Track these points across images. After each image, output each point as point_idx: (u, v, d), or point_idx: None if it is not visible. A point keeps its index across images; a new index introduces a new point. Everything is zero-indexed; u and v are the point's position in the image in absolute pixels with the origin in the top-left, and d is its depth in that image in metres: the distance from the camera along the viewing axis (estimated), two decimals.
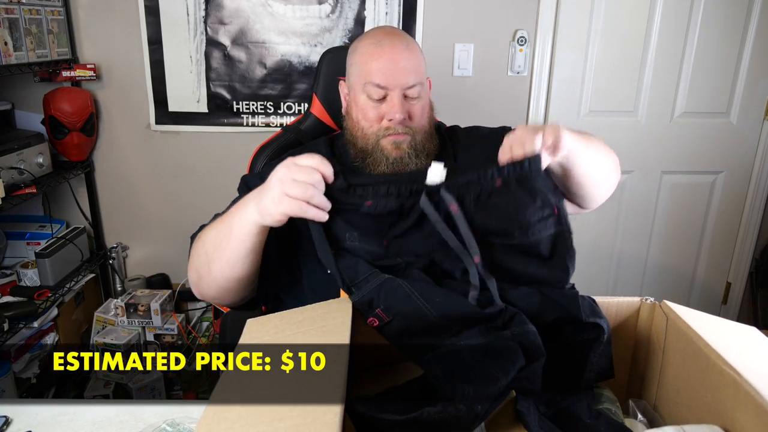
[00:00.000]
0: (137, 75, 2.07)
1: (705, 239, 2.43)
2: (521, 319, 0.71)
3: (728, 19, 2.15)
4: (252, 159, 1.26)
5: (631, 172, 2.32)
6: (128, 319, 2.01)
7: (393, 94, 0.99)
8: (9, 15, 1.63)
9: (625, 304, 0.77)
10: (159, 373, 2.05)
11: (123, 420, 0.87)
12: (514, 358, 0.66)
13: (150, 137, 2.15)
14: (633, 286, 2.46)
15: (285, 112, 2.14)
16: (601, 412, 0.71)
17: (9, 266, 1.95)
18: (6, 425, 0.86)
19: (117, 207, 2.22)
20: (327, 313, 0.73)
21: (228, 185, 2.23)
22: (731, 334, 0.69)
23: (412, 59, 1.01)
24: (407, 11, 2.06)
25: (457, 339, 0.70)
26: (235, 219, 0.85)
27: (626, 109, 2.24)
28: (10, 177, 1.70)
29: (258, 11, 2.03)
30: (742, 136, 2.30)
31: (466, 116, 2.16)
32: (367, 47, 1.02)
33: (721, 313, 2.38)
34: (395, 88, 0.99)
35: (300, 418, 0.53)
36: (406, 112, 1.00)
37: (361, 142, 1.03)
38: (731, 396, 0.59)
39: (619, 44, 2.16)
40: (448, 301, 0.73)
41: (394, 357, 0.79)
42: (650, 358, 0.77)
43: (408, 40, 1.03)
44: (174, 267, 2.27)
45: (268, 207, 0.78)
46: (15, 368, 1.75)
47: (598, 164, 0.94)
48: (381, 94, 1.00)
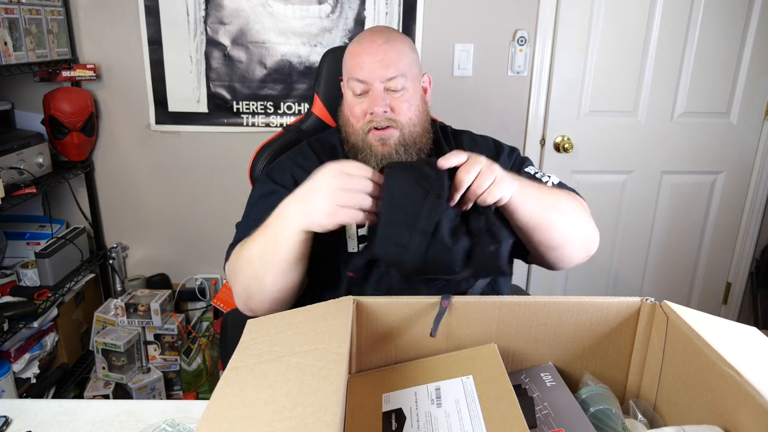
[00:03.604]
0: (137, 75, 2.07)
1: (705, 239, 2.43)
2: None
3: (728, 19, 2.15)
4: (253, 158, 1.27)
5: (631, 172, 2.32)
6: (128, 319, 2.01)
7: (373, 87, 1.00)
8: (9, 15, 1.63)
9: (625, 304, 0.77)
10: (159, 373, 2.05)
11: (123, 420, 0.87)
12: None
13: (150, 137, 2.15)
14: (633, 286, 2.46)
15: (285, 112, 2.14)
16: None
17: (9, 266, 1.95)
18: (6, 425, 0.86)
19: (117, 207, 2.22)
20: (327, 313, 0.73)
21: (228, 185, 2.25)
22: (731, 334, 0.69)
23: (390, 51, 1.00)
24: (407, 11, 2.06)
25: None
26: (280, 230, 0.86)
27: (626, 109, 2.24)
28: (10, 177, 1.70)
29: (258, 11, 2.03)
30: (742, 136, 2.30)
31: (466, 116, 2.18)
32: (351, 46, 1.05)
33: (721, 313, 2.39)
34: (374, 81, 1.00)
35: (300, 419, 0.53)
36: (388, 105, 1.00)
37: (352, 138, 1.05)
38: (731, 396, 0.59)
39: (619, 44, 2.16)
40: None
41: (394, 357, 0.79)
42: (650, 358, 0.77)
43: (390, 35, 1.03)
44: (174, 267, 2.27)
45: (321, 219, 0.80)
46: (15, 368, 1.75)
47: (550, 220, 0.92)
48: (363, 88, 1.01)
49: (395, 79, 1.00)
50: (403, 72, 1.01)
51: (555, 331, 0.78)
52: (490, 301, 0.77)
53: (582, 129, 2.25)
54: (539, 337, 0.78)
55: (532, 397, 0.73)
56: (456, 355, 0.76)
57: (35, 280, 1.86)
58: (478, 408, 0.65)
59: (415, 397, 0.70)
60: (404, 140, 1.01)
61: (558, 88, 2.19)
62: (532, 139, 2.24)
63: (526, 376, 0.77)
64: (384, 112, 0.99)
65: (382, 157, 1.00)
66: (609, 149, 2.28)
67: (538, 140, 2.25)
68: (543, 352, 0.79)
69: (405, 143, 1.01)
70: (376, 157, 1.01)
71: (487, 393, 0.67)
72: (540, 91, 2.19)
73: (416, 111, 1.04)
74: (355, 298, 0.75)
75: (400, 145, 1.01)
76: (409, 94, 1.02)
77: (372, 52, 1.00)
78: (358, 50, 1.03)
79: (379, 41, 1.01)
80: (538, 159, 2.28)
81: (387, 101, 1.00)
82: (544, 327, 0.77)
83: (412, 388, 0.72)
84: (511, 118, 2.22)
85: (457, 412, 0.65)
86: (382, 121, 1.00)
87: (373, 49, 1.00)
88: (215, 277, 2.27)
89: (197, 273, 2.26)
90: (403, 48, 1.03)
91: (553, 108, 2.22)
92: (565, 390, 0.74)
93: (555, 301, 0.77)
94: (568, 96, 2.21)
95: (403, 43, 1.04)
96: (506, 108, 2.21)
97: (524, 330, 0.77)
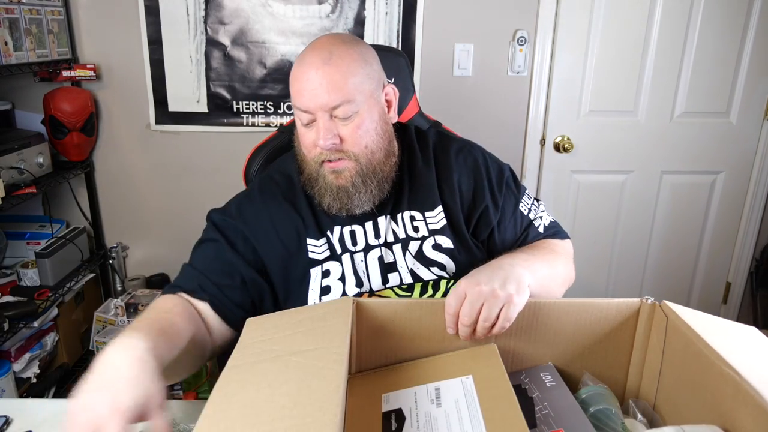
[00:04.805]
0: (137, 75, 2.07)
1: (705, 239, 2.43)
2: None
3: (728, 19, 2.14)
4: (248, 160, 1.26)
5: (631, 172, 2.32)
6: (128, 319, 2.01)
7: (318, 116, 0.87)
8: (9, 15, 1.63)
9: (625, 304, 0.77)
10: None
11: None
12: None
13: (150, 137, 2.15)
14: (633, 286, 2.46)
15: (285, 112, 2.14)
16: None
17: (9, 266, 1.95)
18: (6, 425, 0.86)
19: (117, 207, 2.22)
20: (327, 313, 0.73)
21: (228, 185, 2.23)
22: (731, 334, 0.69)
23: (333, 74, 0.85)
24: (407, 11, 2.06)
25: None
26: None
27: (626, 109, 2.24)
28: (10, 177, 1.70)
29: (258, 11, 2.03)
30: (742, 136, 2.30)
31: (466, 116, 2.18)
32: (293, 67, 0.90)
33: (721, 313, 2.39)
34: (317, 110, 0.87)
35: (300, 418, 0.53)
36: (336, 135, 0.87)
37: (306, 168, 0.94)
38: (731, 396, 0.59)
39: (619, 44, 2.16)
40: None
41: (393, 357, 0.79)
42: (650, 358, 0.77)
43: (333, 50, 0.87)
44: (174, 267, 2.25)
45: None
46: (15, 368, 1.75)
47: (546, 290, 0.87)
48: (308, 118, 0.89)
49: (341, 107, 0.86)
50: (349, 97, 0.86)
51: (555, 331, 0.78)
52: None
53: (582, 129, 2.25)
54: (539, 337, 0.78)
55: (532, 397, 0.73)
56: (456, 355, 0.77)
57: (35, 279, 1.86)
58: (477, 408, 0.65)
59: (414, 397, 0.70)
60: (361, 171, 0.90)
61: (558, 88, 2.19)
62: (532, 139, 2.25)
63: (526, 376, 0.77)
64: (333, 144, 0.88)
65: (338, 189, 0.90)
66: (609, 149, 2.28)
67: (538, 140, 2.25)
68: (543, 352, 0.79)
69: (362, 173, 0.90)
70: (332, 190, 0.91)
71: (487, 393, 0.67)
72: (540, 91, 2.19)
73: (372, 136, 0.91)
74: (355, 299, 0.75)
75: (356, 176, 0.90)
76: (360, 119, 0.88)
77: (311, 77, 0.86)
78: (297, 74, 0.88)
79: (318, 62, 0.86)
80: (538, 159, 2.28)
81: (334, 131, 0.87)
82: (544, 327, 0.77)
83: (412, 388, 0.72)
84: (511, 118, 2.22)
85: (457, 412, 0.65)
86: (332, 154, 0.89)
87: (311, 74, 0.86)
88: None
89: None
90: (350, 66, 0.87)
91: (553, 108, 2.22)
92: (565, 390, 0.74)
93: (555, 302, 0.77)
94: (568, 96, 2.21)
95: (349, 59, 0.87)
96: (506, 108, 2.21)
97: (524, 330, 0.77)
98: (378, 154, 0.92)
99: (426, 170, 0.99)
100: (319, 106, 0.86)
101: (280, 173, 1.02)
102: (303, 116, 0.89)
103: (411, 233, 0.96)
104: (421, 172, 0.99)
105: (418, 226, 0.96)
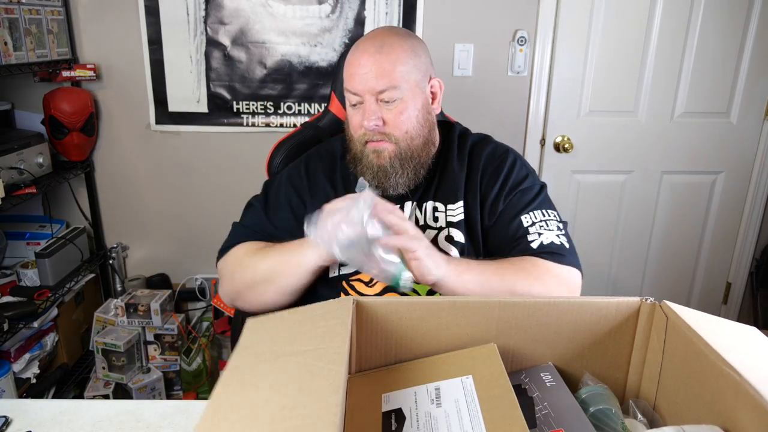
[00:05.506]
0: (137, 75, 2.07)
1: (705, 239, 2.43)
2: None
3: (728, 19, 2.15)
4: (271, 153, 1.28)
5: (631, 172, 2.32)
6: (128, 319, 2.01)
7: (365, 99, 0.96)
8: (9, 15, 1.63)
9: (625, 304, 0.77)
10: (159, 373, 2.05)
11: (123, 420, 0.87)
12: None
13: (150, 137, 2.15)
14: (633, 286, 2.46)
15: (285, 112, 2.14)
16: None
17: (9, 266, 1.95)
18: (6, 425, 0.86)
19: (117, 207, 2.22)
20: (327, 313, 0.73)
21: (228, 185, 2.25)
22: (731, 334, 0.69)
23: (384, 62, 0.95)
24: (407, 11, 2.06)
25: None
26: (297, 259, 0.91)
27: (626, 109, 2.24)
28: (10, 177, 1.70)
29: (258, 11, 2.03)
30: (742, 136, 2.30)
31: (466, 116, 2.16)
32: (349, 53, 1.01)
33: (721, 313, 2.39)
34: (365, 93, 0.96)
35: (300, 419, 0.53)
36: (380, 118, 0.96)
37: (353, 147, 1.03)
38: (731, 396, 0.59)
39: (619, 44, 2.16)
40: None
41: (393, 357, 0.79)
42: (650, 358, 0.77)
43: (386, 41, 0.97)
44: (174, 267, 2.27)
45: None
46: (15, 368, 1.76)
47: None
48: (356, 100, 0.98)
49: (387, 92, 0.95)
50: (395, 83, 0.95)
51: (555, 331, 0.78)
52: (490, 301, 0.77)
53: (582, 129, 2.25)
54: (539, 337, 0.78)
55: (532, 397, 0.73)
56: (456, 355, 0.76)
57: (35, 280, 1.86)
58: (477, 408, 0.65)
59: (414, 397, 0.70)
60: (400, 154, 0.98)
61: (558, 88, 2.20)
62: (532, 139, 2.25)
63: (526, 376, 0.77)
64: (375, 125, 0.96)
65: (377, 168, 0.98)
66: (609, 149, 2.28)
67: (538, 140, 2.25)
68: (543, 352, 0.79)
69: (401, 156, 0.98)
70: (372, 168, 0.99)
71: (487, 393, 0.67)
72: (540, 91, 2.19)
73: (413, 123, 0.98)
74: (355, 298, 0.75)
75: (395, 159, 0.98)
76: (404, 105, 0.97)
77: (363, 62, 0.95)
78: (351, 59, 0.98)
79: (371, 50, 0.96)
80: (538, 159, 2.28)
81: (379, 114, 0.96)
82: (544, 327, 0.77)
83: (412, 388, 0.72)
84: (511, 118, 2.22)
85: (457, 412, 0.65)
86: (374, 135, 0.97)
87: (364, 60, 0.95)
88: (215, 277, 2.27)
89: (197, 273, 2.26)
90: (400, 56, 0.96)
91: (553, 108, 2.22)
92: (565, 390, 0.74)
93: (555, 301, 0.77)
94: (568, 96, 2.21)
95: (400, 49, 0.96)
96: (506, 108, 2.21)
97: (524, 330, 0.77)
98: (417, 141, 0.99)
99: (458, 167, 1.04)
100: (367, 89, 0.95)
101: (326, 152, 1.12)
102: (352, 98, 0.98)
103: (430, 222, 1.02)
104: (453, 167, 1.04)
105: (438, 217, 1.02)
